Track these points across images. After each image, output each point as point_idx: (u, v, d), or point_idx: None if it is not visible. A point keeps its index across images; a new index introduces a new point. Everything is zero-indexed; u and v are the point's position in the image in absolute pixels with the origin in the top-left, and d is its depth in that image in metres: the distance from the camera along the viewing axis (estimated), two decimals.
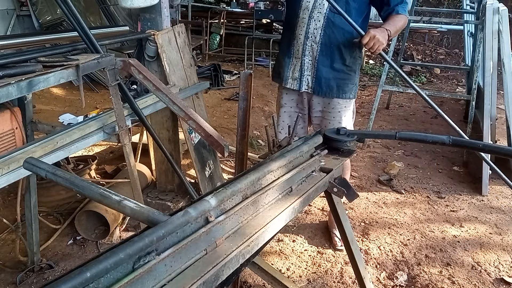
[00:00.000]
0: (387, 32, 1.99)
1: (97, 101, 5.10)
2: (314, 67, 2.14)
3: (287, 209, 1.01)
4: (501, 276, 2.23)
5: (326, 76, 2.14)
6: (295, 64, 2.19)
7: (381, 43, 1.95)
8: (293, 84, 2.22)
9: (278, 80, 2.30)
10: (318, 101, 2.24)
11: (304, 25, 2.10)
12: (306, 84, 2.19)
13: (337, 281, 2.18)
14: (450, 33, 8.36)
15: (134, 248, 0.68)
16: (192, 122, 1.89)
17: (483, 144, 1.28)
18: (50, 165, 1.02)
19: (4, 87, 1.37)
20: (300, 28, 2.12)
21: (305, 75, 2.18)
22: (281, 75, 2.25)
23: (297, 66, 2.18)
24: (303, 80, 2.18)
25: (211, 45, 8.02)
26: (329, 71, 2.13)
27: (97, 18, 5.74)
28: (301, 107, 2.30)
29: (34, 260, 2.17)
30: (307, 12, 2.09)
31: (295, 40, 2.15)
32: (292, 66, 2.20)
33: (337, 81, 2.16)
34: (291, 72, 2.21)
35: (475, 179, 3.31)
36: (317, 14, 2.07)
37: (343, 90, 2.18)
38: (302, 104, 2.29)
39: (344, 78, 2.17)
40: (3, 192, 2.79)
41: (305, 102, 2.27)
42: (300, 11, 2.11)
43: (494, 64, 3.36)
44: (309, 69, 2.16)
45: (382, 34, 1.97)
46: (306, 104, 2.28)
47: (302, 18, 2.11)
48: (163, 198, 2.68)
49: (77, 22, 1.75)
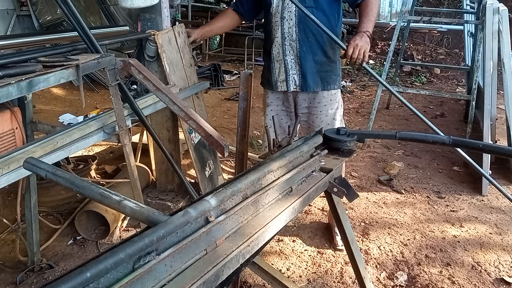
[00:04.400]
0: (366, 34, 2.05)
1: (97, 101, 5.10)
2: (298, 64, 2.19)
3: (287, 209, 1.01)
4: (501, 276, 2.23)
5: (310, 71, 2.18)
6: (279, 67, 2.23)
7: (366, 49, 2.00)
8: (282, 86, 2.25)
9: (268, 86, 2.34)
10: (303, 98, 2.27)
11: (278, 27, 2.16)
12: (293, 83, 2.22)
13: (337, 281, 2.18)
14: (450, 33, 8.36)
15: (134, 248, 0.68)
16: (192, 122, 1.89)
17: (483, 144, 1.28)
18: (50, 165, 1.02)
19: (4, 87, 1.37)
20: (275, 31, 2.18)
21: (291, 74, 2.21)
22: (269, 80, 2.29)
23: (282, 67, 2.22)
24: (289, 80, 2.22)
25: (211, 45, 8.02)
26: (312, 65, 2.18)
27: (97, 18, 5.74)
28: (286, 105, 2.34)
29: (34, 260, 2.17)
30: (278, 14, 2.15)
31: (274, 43, 2.20)
32: (277, 70, 2.24)
33: (321, 74, 2.20)
34: (277, 75, 2.25)
35: (475, 179, 3.31)
36: (287, 13, 2.13)
37: (327, 82, 2.23)
38: (288, 102, 2.32)
39: (327, 70, 2.22)
40: (3, 192, 2.79)
41: (291, 100, 2.31)
42: (272, 17, 2.18)
43: (494, 64, 3.36)
44: (293, 67, 2.20)
45: (363, 39, 2.02)
46: (292, 102, 2.31)
47: (275, 21, 2.17)
48: (163, 198, 2.68)
49: (77, 22, 1.75)
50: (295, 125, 1.40)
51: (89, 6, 5.69)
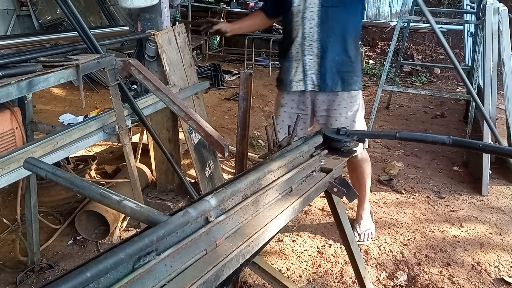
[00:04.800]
0: None
1: (97, 101, 5.10)
2: (317, 64, 2.15)
3: (287, 209, 1.01)
4: (501, 276, 2.23)
5: (330, 71, 2.15)
6: (296, 67, 2.20)
7: None
8: (298, 86, 2.22)
9: (282, 86, 2.30)
10: (322, 100, 2.24)
11: (299, 27, 2.13)
12: (311, 83, 2.19)
13: (337, 281, 2.18)
14: (450, 33, 8.35)
15: (134, 248, 0.68)
16: (192, 122, 1.89)
17: (483, 144, 1.28)
18: (50, 165, 1.02)
19: (4, 87, 1.37)
20: (296, 31, 2.15)
21: (309, 74, 2.18)
22: (284, 81, 2.26)
23: (299, 67, 2.19)
24: (307, 80, 2.19)
25: (211, 45, 8.02)
26: (332, 65, 2.14)
27: (97, 18, 5.74)
28: (302, 108, 2.29)
29: (34, 260, 2.17)
30: (300, 14, 2.12)
31: (293, 43, 2.17)
32: (293, 70, 2.21)
33: (342, 74, 2.17)
34: (293, 75, 2.21)
35: (475, 179, 3.31)
36: (309, 13, 2.10)
37: (348, 83, 2.18)
38: (304, 105, 2.28)
39: (349, 71, 2.18)
40: (3, 192, 2.79)
41: (308, 102, 2.27)
42: (293, 16, 2.15)
43: (494, 64, 3.36)
44: (312, 68, 2.17)
45: None
46: (310, 104, 2.28)
47: (296, 21, 2.14)
48: (163, 198, 2.68)
49: (77, 22, 1.75)
50: (295, 125, 1.40)
51: (89, 6, 5.69)
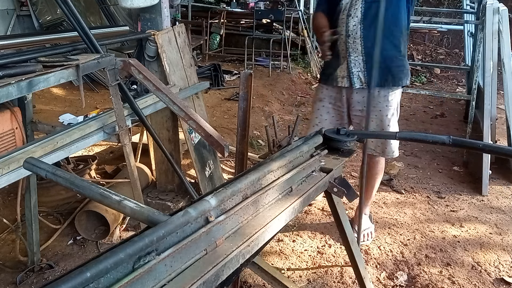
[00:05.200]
0: None
1: (97, 101, 5.10)
2: (363, 61, 2.15)
3: (287, 209, 1.01)
4: (501, 276, 2.23)
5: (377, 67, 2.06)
6: (342, 63, 2.21)
7: None
8: (342, 82, 2.22)
9: (326, 81, 2.29)
10: (358, 100, 2.23)
11: (344, 24, 2.14)
12: (359, 81, 2.18)
13: (337, 281, 2.18)
14: (450, 33, 8.35)
15: (134, 248, 0.68)
16: (192, 122, 1.89)
17: (483, 144, 1.28)
18: (50, 165, 1.02)
19: (4, 87, 1.37)
20: (341, 28, 2.16)
21: (354, 72, 2.18)
22: (330, 76, 2.26)
23: (344, 64, 2.20)
24: (353, 77, 2.18)
25: (211, 45, 8.01)
26: (380, 61, 2.07)
27: (97, 18, 5.74)
28: (339, 105, 2.30)
29: (34, 260, 2.17)
30: (345, 11, 2.14)
31: (339, 40, 2.18)
32: (338, 66, 2.22)
33: (392, 69, 2.16)
34: (339, 71, 2.22)
35: (475, 179, 3.31)
36: (353, 10, 2.11)
37: (399, 77, 2.18)
38: (340, 102, 2.29)
39: (399, 65, 2.18)
40: (3, 192, 2.79)
41: (344, 100, 2.27)
42: (340, 13, 2.16)
43: (494, 64, 3.36)
44: (357, 65, 2.17)
45: None
46: (345, 102, 2.28)
47: (341, 19, 2.15)
48: (163, 198, 2.68)
49: (77, 22, 1.75)
50: (295, 125, 1.40)
51: (89, 6, 5.68)
